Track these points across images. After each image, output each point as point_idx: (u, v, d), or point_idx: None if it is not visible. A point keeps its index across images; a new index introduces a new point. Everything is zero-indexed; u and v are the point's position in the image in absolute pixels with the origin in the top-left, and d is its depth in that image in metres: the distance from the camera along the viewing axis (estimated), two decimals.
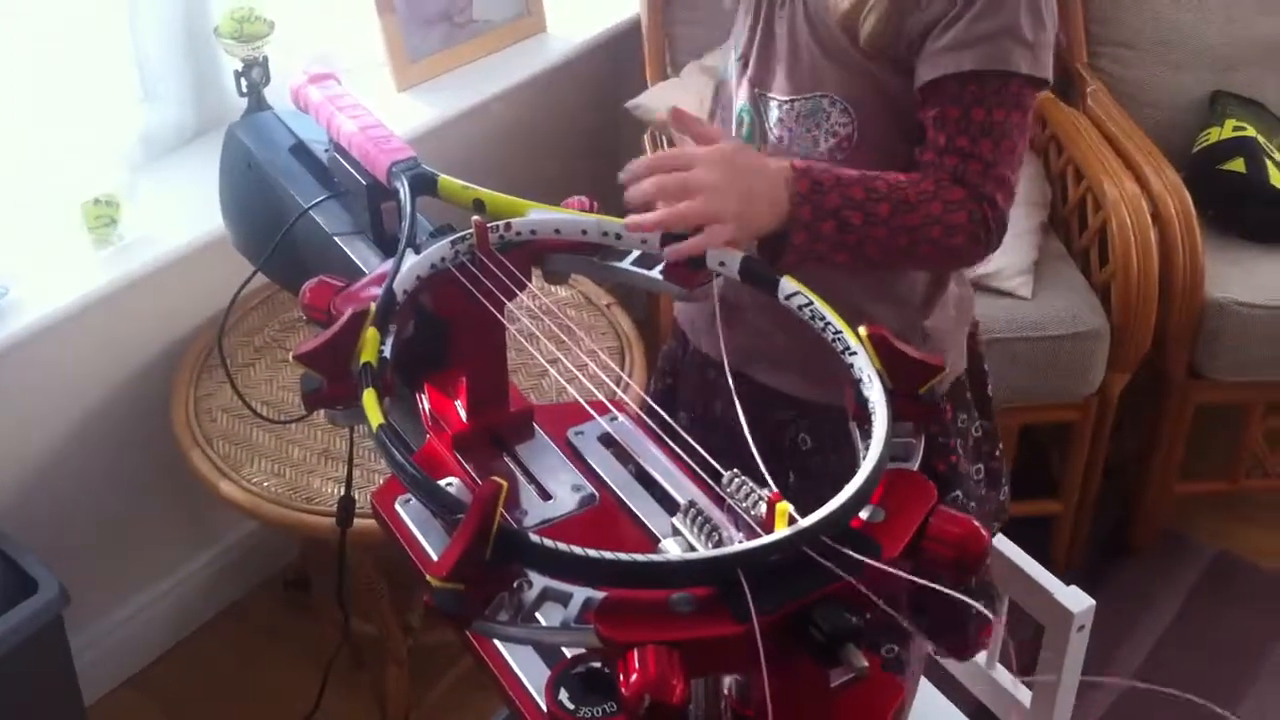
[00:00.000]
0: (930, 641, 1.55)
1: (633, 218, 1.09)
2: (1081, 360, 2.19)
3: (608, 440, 1.08)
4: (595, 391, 1.06)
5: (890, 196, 1.22)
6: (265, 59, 2.02)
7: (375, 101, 2.18)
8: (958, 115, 1.25)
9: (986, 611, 1.56)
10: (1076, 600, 1.64)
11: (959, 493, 1.47)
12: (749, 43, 1.39)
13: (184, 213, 1.97)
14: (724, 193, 1.12)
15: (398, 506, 1.03)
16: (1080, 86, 2.51)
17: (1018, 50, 1.25)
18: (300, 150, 1.30)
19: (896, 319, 1.39)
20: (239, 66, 2.01)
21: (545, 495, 1.03)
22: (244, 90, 2.02)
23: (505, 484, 0.79)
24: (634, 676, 0.75)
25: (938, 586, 0.83)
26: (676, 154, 1.18)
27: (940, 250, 1.26)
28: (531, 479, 1.05)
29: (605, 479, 1.04)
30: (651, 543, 0.97)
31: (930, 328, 1.42)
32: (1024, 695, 1.80)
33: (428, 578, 0.78)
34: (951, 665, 1.89)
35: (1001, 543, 1.67)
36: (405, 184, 1.14)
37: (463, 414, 1.11)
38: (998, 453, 1.56)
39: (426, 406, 1.12)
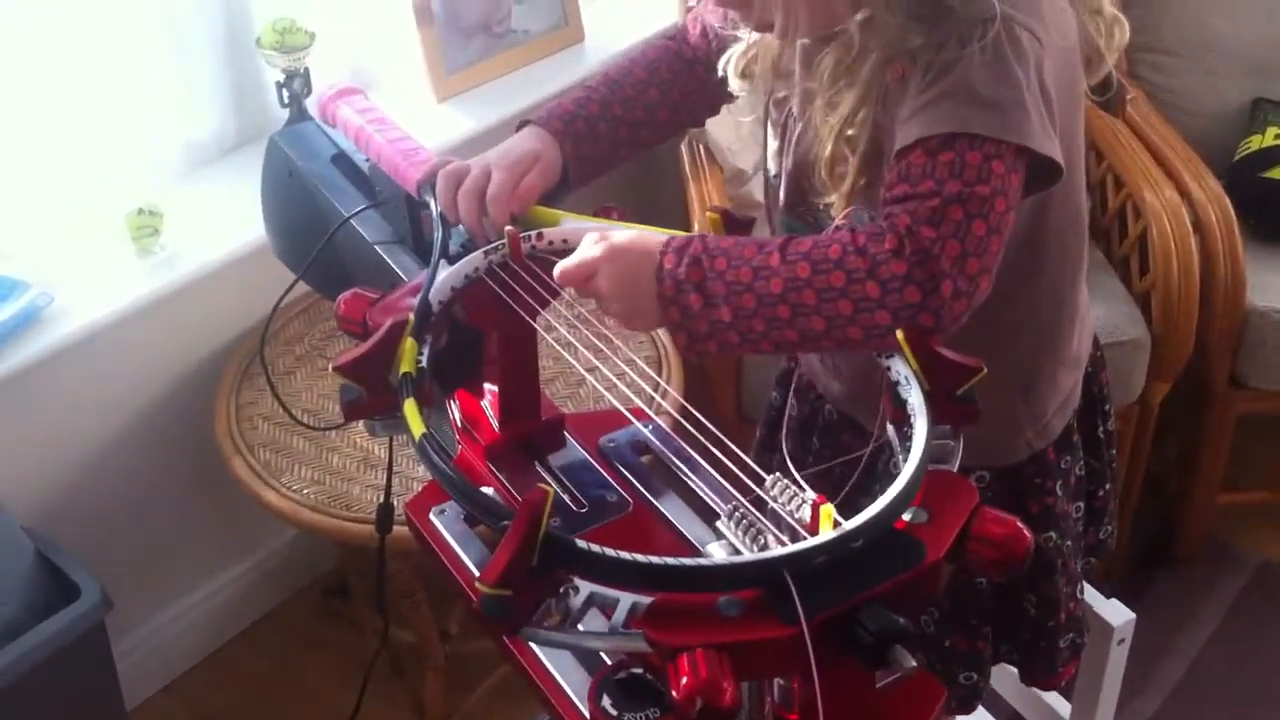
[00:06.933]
0: (1019, 670, 1.50)
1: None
2: (1122, 369, 2.17)
3: (642, 448, 1.09)
4: (635, 399, 1.06)
5: (783, 272, 1.01)
6: (306, 70, 2.03)
7: (415, 112, 2.20)
8: (907, 188, 1.03)
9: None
10: (1117, 614, 1.63)
11: (1053, 533, 1.39)
12: (779, 162, 1.28)
13: (226, 222, 1.98)
14: (612, 295, 1.05)
15: (432, 517, 1.04)
16: (1120, 94, 2.49)
17: (971, 110, 1.02)
18: (341, 159, 1.31)
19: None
20: (280, 78, 2.03)
21: (578, 503, 1.03)
22: (285, 101, 2.04)
23: (551, 490, 0.79)
24: (685, 680, 0.76)
25: None
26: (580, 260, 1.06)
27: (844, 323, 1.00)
28: (565, 487, 1.05)
29: (638, 486, 1.05)
30: (686, 548, 0.97)
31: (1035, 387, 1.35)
32: (1063, 708, 1.79)
33: (477, 584, 0.79)
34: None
35: None
36: (435, 196, 1.15)
37: (494, 423, 1.11)
38: (1102, 491, 1.49)
39: (457, 415, 1.13)
